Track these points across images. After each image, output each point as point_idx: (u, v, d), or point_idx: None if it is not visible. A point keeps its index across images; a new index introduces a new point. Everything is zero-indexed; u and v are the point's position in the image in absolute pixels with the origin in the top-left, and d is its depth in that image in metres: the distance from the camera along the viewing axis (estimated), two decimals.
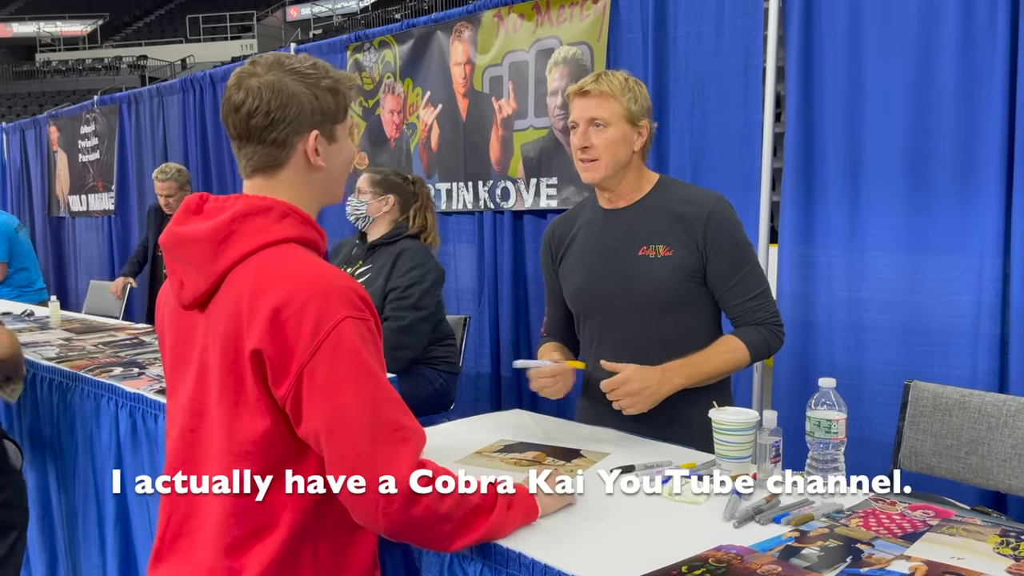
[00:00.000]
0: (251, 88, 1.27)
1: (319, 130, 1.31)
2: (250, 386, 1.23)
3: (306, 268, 1.24)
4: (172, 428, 1.37)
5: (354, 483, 1.19)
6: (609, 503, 1.51)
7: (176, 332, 1.36)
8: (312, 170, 1.33)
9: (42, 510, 3.00)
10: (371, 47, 4.38)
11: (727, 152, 3.07)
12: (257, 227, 1.27)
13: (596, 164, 1.93)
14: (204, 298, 1.29)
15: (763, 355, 1.96)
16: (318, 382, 1.18)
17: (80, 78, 25.21)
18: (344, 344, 1.19)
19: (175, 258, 1.32)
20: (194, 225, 1.30)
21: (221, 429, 1.26)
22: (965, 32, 2.48)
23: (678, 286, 1.92)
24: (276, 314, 1.19)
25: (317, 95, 1.30)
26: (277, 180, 1.33)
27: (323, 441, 1.20)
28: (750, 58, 2.99)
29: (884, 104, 2.66)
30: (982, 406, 2.14)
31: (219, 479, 1.26)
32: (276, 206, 1.29)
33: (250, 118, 1.28)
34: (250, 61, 1.32)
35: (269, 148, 1.30)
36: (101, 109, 6.55)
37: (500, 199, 3.83)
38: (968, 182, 2.50)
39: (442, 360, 3.11)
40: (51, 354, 3.03)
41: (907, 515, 1.41)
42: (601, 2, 3.37)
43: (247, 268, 1.25)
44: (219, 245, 1.26)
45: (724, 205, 1.94)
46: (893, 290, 2.66)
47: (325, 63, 1.35)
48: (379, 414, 1.20)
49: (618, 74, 1.96)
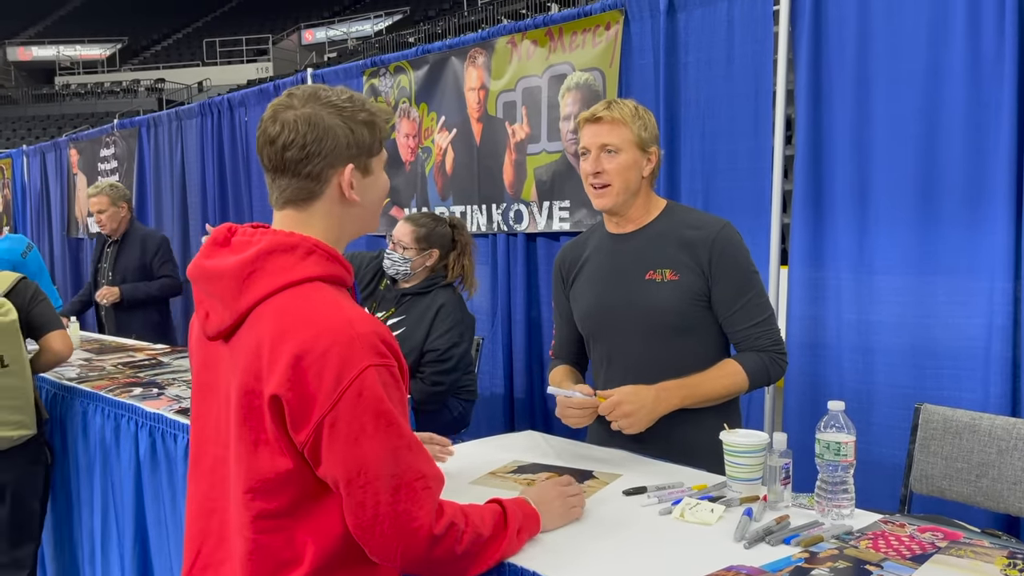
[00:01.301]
0: (287, 121, 1.27)
1: (354, 163, 1.30)
2: (269, 428, 1.21)
3: (329, 312, 1.22)
4: (203, 456, 1.36)
5: (374, 530, 1.19)
6: (621, 523, 1.53)
7: (202, 360, 1.36)
8: (345, 203, 1.32)
9: (61, 528, 3.04)
10: (387, 72, 4.46)
11: (738, 176, 3.10)
12: (281, 265, 1.25)
13: (608, 190, 1.98)
14: (228, 331, 1.28)
15: (762, 382, 1.98)
16: (339, 432, 1.17)
17: (99, 101, 25.55)
18: (367, 393, 1.18)
19: (201, 290, 1.32)
20: (221, 259, 1.29)
21: (240, 465, 1.25)
22: (974, 55, 2.51)
23: (684, 310, 1.95)
24: (298, 361, 1.17)
25: (353, 128, 1.28)
26: (309, 213, 1.31)
27: (343, 488, 1.20)
28: (760, 83, 3.03)
29: (893, 127, 2.69)
30: (992, 429, 2.15)
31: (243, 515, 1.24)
32: (302, 243, 1.27)
33: (285, 151, 1.27)
34: (286, 93, 1.31)
35: (303, 181, 1.29)
36: (121, 132, 6.65)
37: (513, 222, 3.87)
38: (978, 204, 2.52)
39: (464, 389, 3.12)
40: (72, 374, 3.08)
41: (916, 537, 1.43)
42: (613, 29, 3.43)
43: (270, 308, 1.23)
44: (243, 282, 1.25)
45: (730, 231, 1.98)
46: (903, 313, 2.67)
47: (362, 96, 1.34)
48: (400, 464, 1.20)
49: (628, 102, 2.01)
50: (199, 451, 1.37)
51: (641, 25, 3.35)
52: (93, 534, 2.83)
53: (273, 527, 1.23)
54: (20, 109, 26.22)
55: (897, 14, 2.66)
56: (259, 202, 5.23)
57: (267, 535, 1.24)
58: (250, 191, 5.32)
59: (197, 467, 1.37)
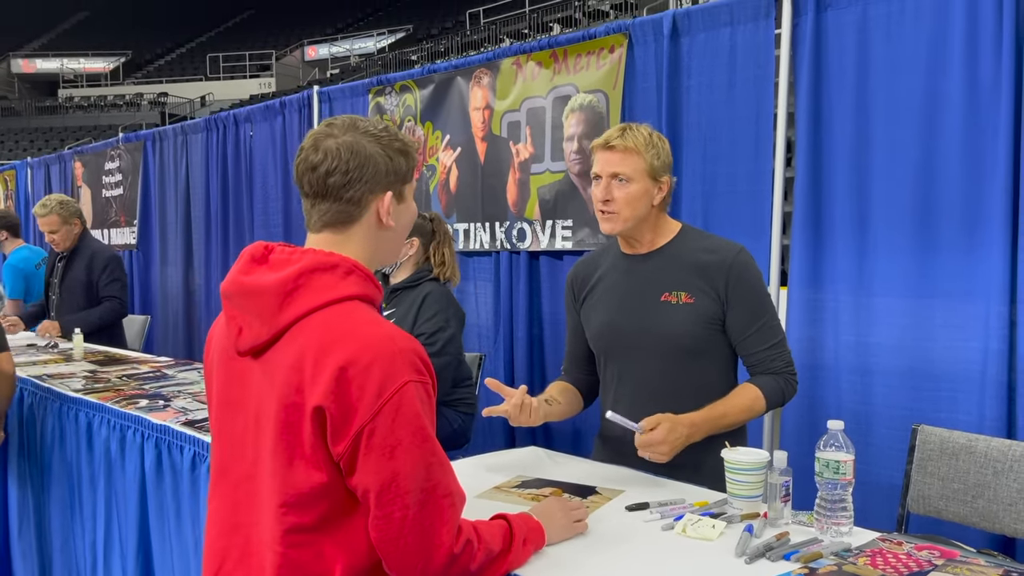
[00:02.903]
0: (329, 149, 1.32)
1: (392, 190, 1.36)
2: (307, 440, 1.24)
3: (372, 328, 1.26)
4: (228, 473, 1.37)
5: (398, 543, 1.22)
6: (624, 539, 1.56)
7: (227, 376, 1.37)
8: (381, 228, 1.37)
9: (64, 539, 3.06)
10: (392, 91, 4.51)
11: (738, 197, 3.14)
12: (324, 283, 1.29)
13: (615, 217, 2.00)
14: (263, 347, 1.30)
15: (778, 404, 2.03)
16: (376, 442, 1.21)
17: (101, 114, 25.67)
18: (405, 407, 1.22)
19: (236, 305, 1.34)
20: (259, 275, 1.32)
21: (274, 479, 1.27)
22: (971, 82, 2.56)
23: (698, 333, 1.98)
24: (342, 372, 1.21)
25: (391, 156, 1.34)
26: (347, 236, 1.36)
27: (373, 499, 1.22)
28: (761, 106, 3.08)
29: (892, 151, 2.73)
30: (988, 451, 2.18)
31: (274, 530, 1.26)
32: (342, 263, 1.31)
33: (328, 177, 1.31)
34: (326, 123, 1.36)
35: (344, 205, 1.33)
36: (126, 146, 6.70)
37: (516, 240, 3.91)
38: (974, 229, 2.56)
39: (462, 401, 3.17)
40: (77, 386, 3.11)
41: (913, 555, 1.46)
42: (617, 52, 3.49)
43: (312, 323, 1.26)
44: (285, 298, 1.28)
45: (745, 256, 2.01)
46: (900, 335, 2.71)
47: (393, 126, 1.41)
48: (431, 479, 1.24)
49: (642, 129, 2.01)
50: (224, 468, 1.38)
51: (645, 49, 3.40)
52: (95, 545, 2.85)
53: (304, 541, 1.26)
54: (23, 121, 26.32)
55: (896, 39, 2.72)
56: (260, 216, 5.27)
57: (297, 549, 1.26)
58: (252, 206, 5.36)
59: (221, 484, 1.38)
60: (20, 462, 3.27)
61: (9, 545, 3.40)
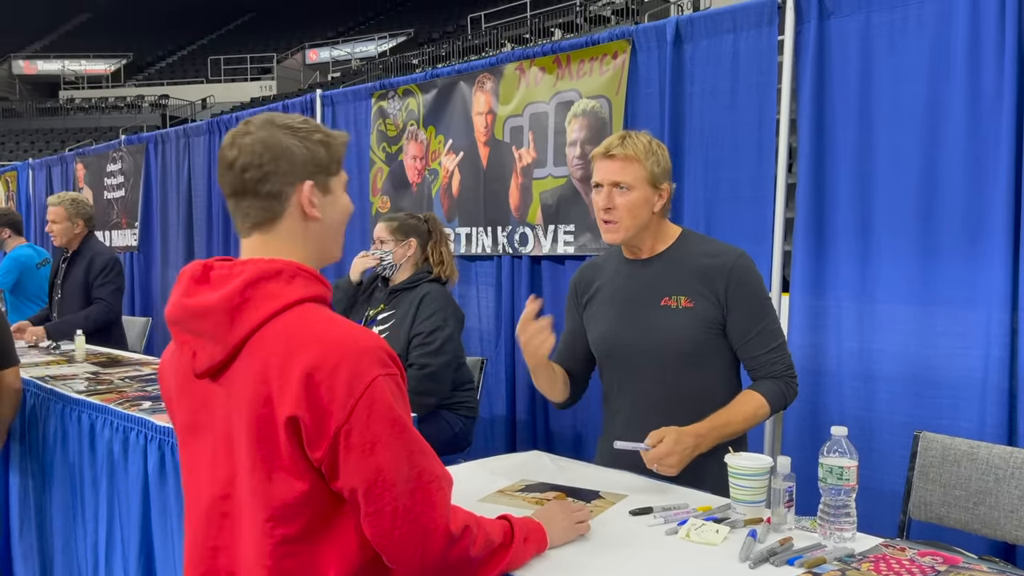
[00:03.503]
0: (244, 145, 1.31)
1: (313, 180, 1.33)
2: (285, 451, 1.23)
3: (332, 329, 1.25)
4: (199, 500, 1.35)
5: (393, 535, 1.22)
6: (628, 543, 1.57)
7: (190, 402, 1.35)
8: (308, 221, 1.34)
9: (66, 540, 3.06)
10: (395, 95, 4.53)
11: (740, 203, 3.16)
12: (271, 292, 1.27)
13: (617, 226, 2.02)
14: (220, 367, 1.28)
15: (780, 408, 2.04)
16: (355, 442, 1.20)
17: (102, 116, 25.68)
18: (378, 403, 1.22)
19: (186, 329, 1.32)
20: (203, 296, 1.29)
21: (255, 496, 1.26)
22: (973, 90, 2.57)
23: (698, 337, 1.99)
24: (309, 378, 1.20)
25: (309, 147, 1.32)
26: (276, 235, 1.33)
27: (361, 497, 1.22)
28: (764, 112, 3.09)
29: (894, 158, 2.75)
30: (990, 458, 2.19)
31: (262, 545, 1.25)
32: (286, 268, 1.29)
33: (244, 172, 1.30)
34: (243, 122, 1.35)
35: (265, 201, 1.32)
36: (128, 148, 6.71)
37: (519, 244, 3.92)
38: (976, 237, 2.57)
39: (463, 405, 3.18)
40: (80, 387, 3.11)
41: (916, 561, 1.47)
42: (620, 58, 3.50)
43: (269, 334, 1.25)
44: (234, 314, 1.26)
45: (746, 260, 2.02)
46: (903, 342, 2.72)
47: (316, 121, 1.39)
48: (415, 467, 1.24)
49: (642, 137, 2.03)
50: (196, 493, 1.36)
51: (648, 55, 3.42)
52: (97, 547, 2.85)
53: (295, 551, 1.25)
54: (24, 122, 26.34)
55: (899, 47, 2.73)
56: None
57: (290, 559, 1.25)
58: None
59: (195, 509, 1.36)
60: (22, 463, 3.27)
61: (10, 546, 3.40)
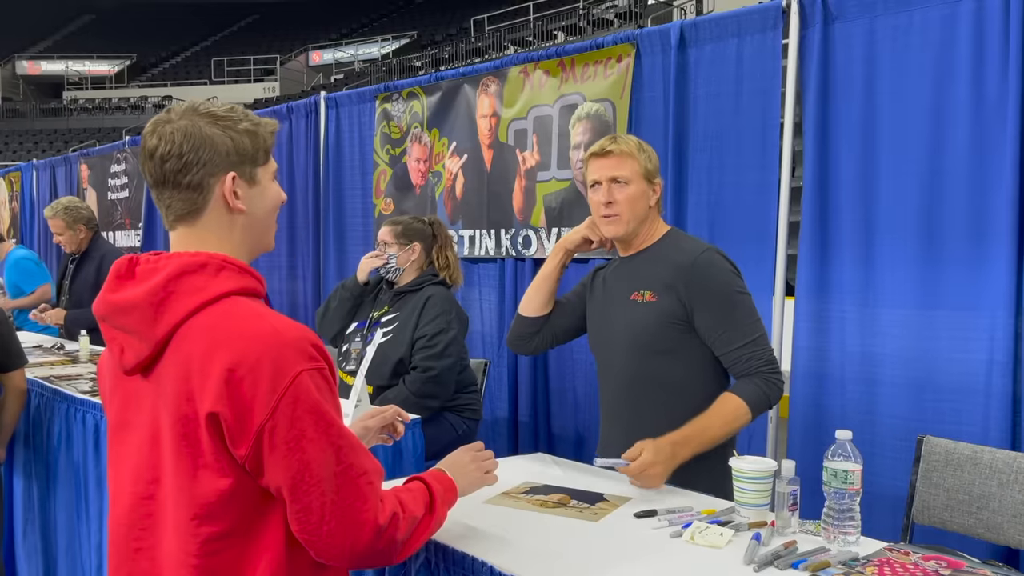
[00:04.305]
0: (164, 134, 1.26)
1: (236, 172, 1.29)
2: (207, 448, 1.20)
3: (255, 323, 1.21)
4: (120, 498, 1.32)
5: (321, 531, 1.20)
6: (632, 546, 1.57)
7: (121, 398, 1.33)
8: (233, 214, 1.30)
9: (70, 540, 3.06)
10: (399, 97, 4.53)
11: (744, 207, 3.16)
12: (194, 285, 1.23)
13: (618, 219, 2.10)
14: (147, 363, 1.25)
15: (763, 408, 2.01)
16: (279, 439, 1.18)
17: (106, 116, 25.74)
18: (303, 397, 1.18)
19: (112, 325, 1.28)
20: (128, 291, 1.26)
21: (180, 493, 1.23)
22: (977, 96, 2.57)
23: (659, 331, 2.03)
24: (230, 375, 1.17)
25: (232, 137, 1.28)
26: (200, 228, 1.30)
27: (287, 495, 1.20)
28: (768, 116, 3.10)
29: (899, 163, 2.75)
30: (993, 462, 2.19)
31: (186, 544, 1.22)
32: (211, 261, 1.25)
33: (164, 162, 1.26)
34: (166, 110, 1.30)
35: (185, 192, 1.27)
36: (132, 149, 6.72)
37: (522, 247, 3.93)
38: (980, 241, 2.58)
39: (466, 407, 3.18)
40: (85, 387, 3.12)
41: (921, 565, 1.47)
42: (624, 61, 3.51)
43: (193, 329, 1.22)
44: (156, 309, 1.22)
45: (710, 255, 2.05)
46: (906, 346, 2.72)
47: (245, 110, 1.33)
48: (342, 462, 1.21)
49: (631, 137, 2.17)
50: (118, 492, 1.33)
51: (652, 59, 3.42)
52: (101, 547, 2.86)
53: (221, 548, 1.22)
54: (28, 122, 26.40)
55: (903, 53, 2.73)
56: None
57: (216, 557, 1.22)
58: None
59: (116, 508, 1.33)
60: (26, 463, 3.28)
61: (14, 546, 3.41)
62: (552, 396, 3.88)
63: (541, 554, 1.53)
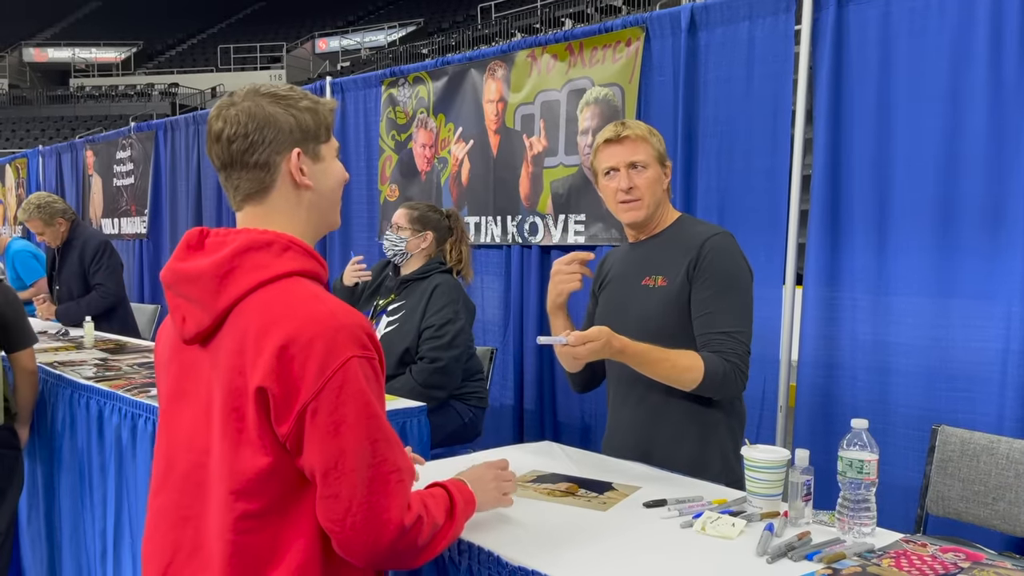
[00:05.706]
0: (229, 116, 1.29)
1: (301, 148, 1.31)
2: (252, 423, 1.21)
3: (313, 304, 1.23)
4: (175, 464, 1.33)
5: (345, 522, 1.19)
6: (642, 536, 1.54)
7: (178, 367, 1.34)
8: (300, 191, 1.33)
9: (74, 526, 3.05)
10: (405, 82, 4.49)
11: (755, 193, 3.11)
12: (259, 262, 1.26)
13: (639, 204, 2.05)
14: (207, 334, 1.27)
15: (714, 386, 1.91)
16: (320, 421, 1.18)
17: (112, 104, 25.70)
18: (349, 384, 1.19)
19: (177, 293, 1.31)
20: (195, 261, 1.29)
21: (223, 466, 1.24)
22: (995, 81, 2.52)
23: (668, 317, 1.99)
24: (283, 351, 1.18)
25: (295, 115, 1.30)
26: (269, 207, 1.32)
27: (319, 479, 1.20)
28: (779, 102, 3.05)
29: (913, 149, 2.70)
30: (1010, 452, 2.15)
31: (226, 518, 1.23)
32: (278, 240, 1.28)
33: (231, 144, 1.29)
34: (228, 94, 1.33)
35: (253, 171, 1.30)
36: (137, 135, 6.70)
37: (528, 234, 3.89)
38: (996, 230, 2.53)
39: (472, 395, 3.16)
40: (89, 373, 3.10)
41: (939, 557, 1.43)
42: (633, 45, 3.45)
43: (252, 304, 1.23)
44: (221, 281, 1.25)
45: (722, 238, 2.01)
46: (919, 335, 2.68)
47: (304, 90, 1.36)
48: (377, 455, 1.20)
49: (639, 122, 2.12)
50: (170, 459, 1.34)
51: (662, 42, 3.37)
52: (105, 533, 2.84)
53: (255, 527, 1.22)
54: (34, 110, 26.38)
55: (919, 37, 2.68)
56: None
57: (249, 535, 1.23)
58: None
59: (168, 478, 1.34)
60: (30, 449, 3.26)
61: (18, 532, 3.39)
62: (558, 384, 3.85)
63: (548, 544, 1.50)
